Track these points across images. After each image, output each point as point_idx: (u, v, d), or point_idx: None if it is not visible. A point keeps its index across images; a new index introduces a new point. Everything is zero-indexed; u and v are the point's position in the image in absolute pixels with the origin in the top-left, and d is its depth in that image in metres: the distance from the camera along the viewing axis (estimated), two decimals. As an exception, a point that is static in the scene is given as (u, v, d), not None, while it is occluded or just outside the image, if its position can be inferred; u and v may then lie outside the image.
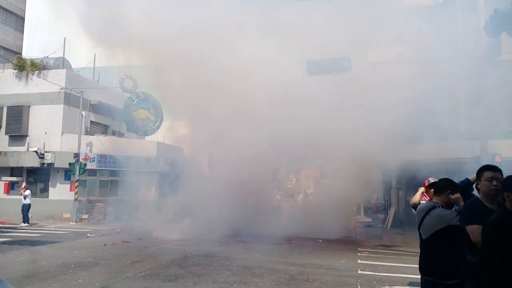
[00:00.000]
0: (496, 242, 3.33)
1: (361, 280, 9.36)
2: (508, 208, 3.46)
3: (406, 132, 15.27)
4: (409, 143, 16.35)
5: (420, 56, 15.60)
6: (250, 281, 8.98)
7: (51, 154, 23.61)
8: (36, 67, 25.35)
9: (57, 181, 24.43)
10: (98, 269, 9.93)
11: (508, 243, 3.26)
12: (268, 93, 16.57)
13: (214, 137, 18.46)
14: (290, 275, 9.71)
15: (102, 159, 24.97)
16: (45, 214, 23.64)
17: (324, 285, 8.87)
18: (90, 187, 25.27)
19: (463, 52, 16.15)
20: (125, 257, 11.56)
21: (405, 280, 9.26)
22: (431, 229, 4.52)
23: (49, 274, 9.26)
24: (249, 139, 16.30)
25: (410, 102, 14.83)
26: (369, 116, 15.55)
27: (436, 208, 4.55)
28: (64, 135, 24.27)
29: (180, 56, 17.17)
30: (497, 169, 4.17)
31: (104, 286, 8.25)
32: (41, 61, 26.14)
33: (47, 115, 24.49)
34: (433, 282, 4.51)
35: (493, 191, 4.07)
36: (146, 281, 8.75)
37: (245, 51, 16.68)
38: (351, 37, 15.75)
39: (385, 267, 10.98)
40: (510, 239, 3.27)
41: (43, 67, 25.63)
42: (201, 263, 10.92)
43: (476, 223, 3.90)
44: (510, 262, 3.22)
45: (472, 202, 4.21)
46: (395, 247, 14.95)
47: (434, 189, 4.89)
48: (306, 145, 17.06)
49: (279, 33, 17.20)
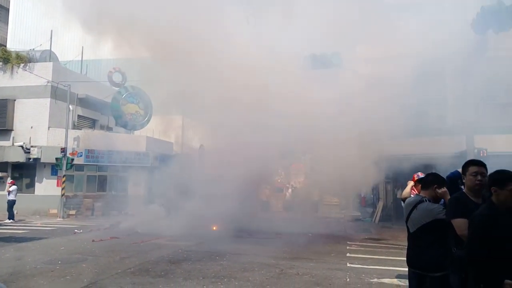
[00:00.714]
0: (482, 236, 3.38)
1: (350, 273, 9.42)
2: (494, 202, 3.53)
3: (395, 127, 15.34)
4: (398, 137, 16.44)
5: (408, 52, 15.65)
6: (240, 276, 8.98)
7: (37, 149, 23.32)
8: (22, 60, 24.93)
9: (43, 176, 24.16)
10: (86, 265, 9.85)
11: (494, 237, 3.31)
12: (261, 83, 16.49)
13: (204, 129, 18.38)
14: (280, 269, 9.74)
15: (90, 154, 24.71)
16: (31, 210, 23.31)
17: (313, 278, 8.92)
18: (78, 183, 25.02)
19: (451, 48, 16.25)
20: (113, 253, 11.48)
21: (393, 273, 9.34)
22: (418, 222, 4.63)
23: (35, 271, 9.15)
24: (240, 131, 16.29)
25: (398, 97, 14.89)
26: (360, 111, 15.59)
27: (423, 202, 4.66)
28: (50, 129, 23.96)
29: (172, 44, 16.97)
30: (482, 164, 4.24)
31: (92, 282, 8.18)
32: (27, 54, 25.75)
33: (33, 109, 24.12)
34: (420, 274, 4.62)
35: (478, 186, 4.15)
36: (135, 277, 8.71)
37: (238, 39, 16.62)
38: (342, 32, 15.76)
39: (374, 260, 11.07)
40: (496, 233, 3.33)
41: (29, 59, 25.22)
42: (191, 258, 10.90)
43: (462, 217, 3.99)
44: (496, 256, 3.28)
45: (457, 196, 4.27)
46: (383, 240, 15.08)
47: (422, 183, 5.01)
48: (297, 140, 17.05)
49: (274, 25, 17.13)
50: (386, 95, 14.97)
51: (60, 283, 8.14)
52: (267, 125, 16.33)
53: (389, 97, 14.89)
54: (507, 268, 3.27)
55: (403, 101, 15.01)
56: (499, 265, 3.27)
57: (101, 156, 25.05)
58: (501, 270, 3.26)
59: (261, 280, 8.68)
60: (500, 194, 3.48)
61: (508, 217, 3.44)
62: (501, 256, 3.28)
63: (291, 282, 8.53)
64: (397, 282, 8.64)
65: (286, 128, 16.17)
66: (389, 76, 15.20)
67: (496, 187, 3.50)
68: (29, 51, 26.11)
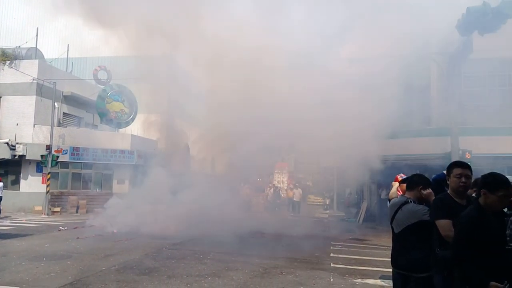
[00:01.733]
0: (468, 237, 3.41)
1: (333, 273, 9.52)
2: (481, 204, 3.56)
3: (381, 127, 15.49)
4: (383, 138, 16.59)
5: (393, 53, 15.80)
6: (224, 275, 9.04)
7: (22, 146, 23.12)
8: (8, 57, 24.72)
9: (28, 173, 23.95)
10: (71, 262, 9.83)
11: (480, 239, 3.36)
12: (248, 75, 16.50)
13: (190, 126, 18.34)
14: (264, 268, 9.80)
15: (75, 151, 24.58)
16: (16, 207, 23.15)
17: (297, 278, 8.99)
18: (63, 180, 24.86)
19: (436, 49, 16.45)
20: (98, 251, 11.46)
21: (377, 273, 9.46)
22: (403, 223, 4.65)
23: (20, 267, 9.13)
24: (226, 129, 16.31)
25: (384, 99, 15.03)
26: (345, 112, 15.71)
27: (408, 203, 4.68)
28: (36, 126, 23.77)
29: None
30: (466, 165, 4.27)
31: (77, 279, 8.18)
32: (12, 51, 25.55)
33: (19, 106, 23.91)
34: (404, 275, 4.64)
35: (462, 188, 4.18)
36: (120, 274, 8.72)
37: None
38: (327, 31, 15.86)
39: (358, 260, 11.19)
40: (482, 235, 3.37)
41: (15, 57, 25.04)
42: (175, 257, 10.92)
43: (446, 218, 4.03)
44: (481, 257, 3.33)
45: (441, 197, 4.30)
46: (367, 240, 15.22)
47: (407, 184, 4.99)
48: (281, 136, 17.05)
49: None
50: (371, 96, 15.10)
51: (45, 279, 8.12)
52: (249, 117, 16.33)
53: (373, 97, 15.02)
54: (492, 270, 3.32)
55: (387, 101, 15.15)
56: (484, 266, 3.31)
57: (86, 154, 24.97)
58: (486, 271, 3.30)
59: (245, 279, 8.74)
60: (489, 197, 3.50)
61: (494, 220, 3.50)
62: (486, 258, 3.33)
63: (275, 282, 8.60)
64: (381, 282, 8.74)
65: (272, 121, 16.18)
66: (373, 76, 15.33)
67: (486, 189, 3.52)
68: (15, 49, 25.89)
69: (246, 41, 16.03)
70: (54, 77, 24.34)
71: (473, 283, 3.36)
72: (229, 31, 16.75)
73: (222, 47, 16.58)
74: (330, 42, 16.55)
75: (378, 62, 15.76)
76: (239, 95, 16.44)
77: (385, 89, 14.92)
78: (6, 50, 25.29)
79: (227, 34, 16.57)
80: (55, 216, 21.90)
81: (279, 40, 16.20)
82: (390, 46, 15.24)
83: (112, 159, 25.75)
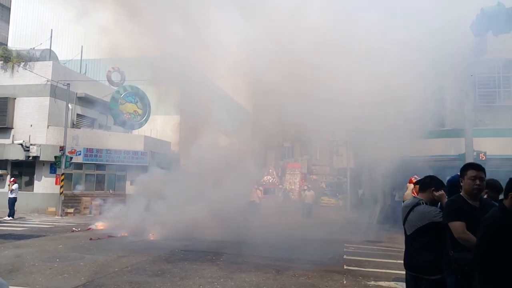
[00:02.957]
0: (492, 238, 3.39)
1: (347, 275, 9.44)
2: (507, 206, 3.52)
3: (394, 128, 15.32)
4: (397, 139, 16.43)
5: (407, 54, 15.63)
6: (236, 277, 9.00)
7: (36, 147, 23.37)
8: (22, 59, 25.05)
9: (42, 175, 24.20)
10: (84, 263, 9.88)
11: (504, 240, 3.33)
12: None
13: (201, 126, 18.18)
14: (276, 270, 9.75)
15: (88, 152, 24.80)
16: (30, 208, 23.43)
17: (310, 280, 8.94)
18: (76, 181, 25.07)
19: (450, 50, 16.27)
20: (111, 252, 11.51)
21: (390, 276, 9.36)
22: (415, 225, 4.64)
23: (34, 268, 9.19)
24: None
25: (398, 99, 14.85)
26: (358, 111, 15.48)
27: (420, 205, 4.67)
28: (50, 128, 24.02)
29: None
30: (480, 168, 4.23)
31: (90, 280, 8.21)
32: (27, 53, 25.85)
33: (33, 108, 24.19)
34: (416, 277, 4.61)
35: (476, 190, 4.15)
36: (132, 276, 8.74)
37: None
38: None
39: (371, 262, 11.08)
40: (506, 237, 3.34)
41: (29, 58, 25.34)
42: (188, 258, 10.92)
43: (459, 220, 4.02)
44: (504, 259, 3.30)
45: (454, 199, 4.27)
46: (381, 243, 15.08)
47: (419, 186, 4.99)
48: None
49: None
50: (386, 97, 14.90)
51: (58, 280, 8.17)
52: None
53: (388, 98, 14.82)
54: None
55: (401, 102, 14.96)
56: (506, 267, 3.29)
57: (99, 155, 25.15)
58: (508, 272, 3.28)
59: (258, 281, 8.70)
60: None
61: None
62: (509, 260, 3.30)
63: (287, 284, 8.55)
64: (394, 285, 8.66)
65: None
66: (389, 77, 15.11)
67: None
68: (29, 50, 26.17)
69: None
70: (68, 78, 24.62)
71: (495, 284, 3.34)
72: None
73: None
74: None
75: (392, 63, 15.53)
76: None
77: (400, 90, 14.69)
78: (20, 52, 25.61)
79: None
80: (68, 217, 22.08)
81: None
82: (404, 47, 15.04)
83: (125, 160, 25.92)
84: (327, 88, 14.83)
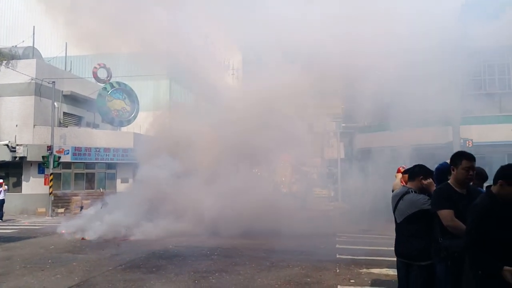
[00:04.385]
0: (481, 225, 3.43)
1: (339, 264, 9.56)
2: (494, 193, 3.56)
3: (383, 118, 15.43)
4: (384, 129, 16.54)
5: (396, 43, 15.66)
6: (231, 270, 9.03)
7: (23, 147, 23.01)
8: (4, 57, 24.52)
9: (30, 175, 23.88)
10: (77, 263, 9.82)
11: (492, 227, 3.37)
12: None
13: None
14: (271, 262, 9.81)
15: (76, 151, 24.53)
16: (19, 209, 23.15)
17: (304, 270, 9.01)
18: (65, 180, 24.84)
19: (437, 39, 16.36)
20: (104, 251, 11.47)
21: (383, 263, 9.47)
22: (404, 213, 4.78)
23: (25, 270, 9.10)
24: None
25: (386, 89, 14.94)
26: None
27: (409, 193, 4.79)
28: (36, 127, 23.68)
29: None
30: (473, 158, 4.29)
31: (83, 280, 8.17)
32: (9, 51, 25.32)
33: (18, 107, 23.76)
34: (407, 263, 4.77)
35: (468, 180, 4.24)
36: (126, 274, 8.71)
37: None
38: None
39: (363, 251, 11.17)
40: (494, 223, 3.39)
41: (12, 56, 24.83)
42: (182, 254, 10.91)
43: (447, 208, 4.12)
44: (493, 244, 3.34)
45: (442, 188, 4.35)
46: (372, 231, 15.19)
47: (408, 174, 5.09)
48: None
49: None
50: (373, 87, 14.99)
51: (51, 282, 8.11)
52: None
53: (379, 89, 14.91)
54: (504, 255, 3.33)
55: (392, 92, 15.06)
56: (497, 253, 3.32)
57: (88, 154, 24.91)
58: (499, 257, 3.32)
59: (252, 273, 8.74)
60: (505, 189, 3.49)
61: (506, 208, 3.49)
62: (499, 245, 3.34)
63: (282, 275, 8.60)
64: (385, 271, 8.77)
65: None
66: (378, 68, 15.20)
67: (504, 181, 3.50)
68: (11, 48, 25.65)
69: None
70: (53, 76, 24.20)
71: (486, 269, 3.39)
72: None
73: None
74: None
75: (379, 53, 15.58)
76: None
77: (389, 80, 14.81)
78: (2, 50, 25.09)
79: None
80: (59, 217, 21.86)
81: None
82: (391, 36, 15.10)
83: (115, 158, 25.74)
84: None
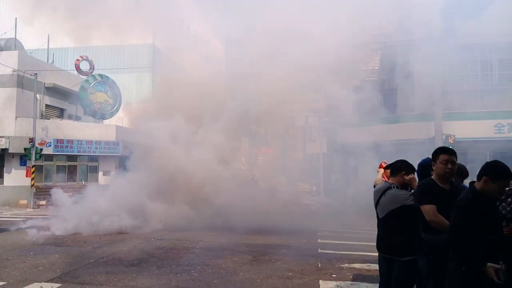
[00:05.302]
0: (465, 220, 3.49)
1: (321, 259, 9.63)
2: (477, 188, 3.64)
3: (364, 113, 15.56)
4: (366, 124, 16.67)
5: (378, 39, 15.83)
6: (213, 263, 9.08)
7: (4, 139, 22.78)
8: (-14, 49, 24.29)
9: (12, 167, 23.67)
10: (59, 255, 9.78)
11: (476, 222, 3.45)
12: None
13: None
14: (253, 256, 9.88)
15: (58, 143, 24.31)
16: (0, 201, 22.96)
17: (286, 264, 9.08)
18: (47, 173, 24.66)
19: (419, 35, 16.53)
20: (86, 243, 11.42)
21: (364, 258, 9.57)
22: (387, 208, 4.79)
23: (7, 262, 9.05)
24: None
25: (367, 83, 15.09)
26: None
27: (391, 188, 4.81)
28: (18, 119, 23.44)
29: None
30: (452, 152, 4.33)
31: (65, 272, 8.15)
32: (-10, 42, 25.08)
33: (0, 99, 23.55)
34: (389, 258, 4.79)
35: (448, 174, 4.25)
36: (108, 267, 8.71)
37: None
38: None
39: (345, 245, 11.30)
40: (478, 219, 3.46)
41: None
42: (164, 247, 10.94)
43: (430, 203, 4.13)
44: (477, 239, 3.42)
45: (425, 183, 4.38)
46: (354, 226, 15.33)
47: (390, 170, 5.10)
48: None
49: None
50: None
51: (33, 273, 8.07)
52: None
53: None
54: (488, 252, 3.41)
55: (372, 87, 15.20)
56: (481, 248, 3.39)
57: (70, 146, 24.71)
58: (482, 253, 3.39)
59: (234, 267, 8.79)
60: (489, 185, 3.56)
61: (489, 203, 3.59)
62: (482, 240, 3.41)
63: (264, 269, 8.66)
64: (367, 266, 8.85)
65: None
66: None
67: (489, 177, 3.56)
68: (-8, 40, 25.38)
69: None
70: (35, 68, 23.94)
71: (470, 265, 3.44)
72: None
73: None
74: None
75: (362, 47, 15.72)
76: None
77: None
78: (-17, 41, 24.82)
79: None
80: (41, 209, 21.70)
81: None
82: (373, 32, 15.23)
83: (97, 150, 25.59)
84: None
